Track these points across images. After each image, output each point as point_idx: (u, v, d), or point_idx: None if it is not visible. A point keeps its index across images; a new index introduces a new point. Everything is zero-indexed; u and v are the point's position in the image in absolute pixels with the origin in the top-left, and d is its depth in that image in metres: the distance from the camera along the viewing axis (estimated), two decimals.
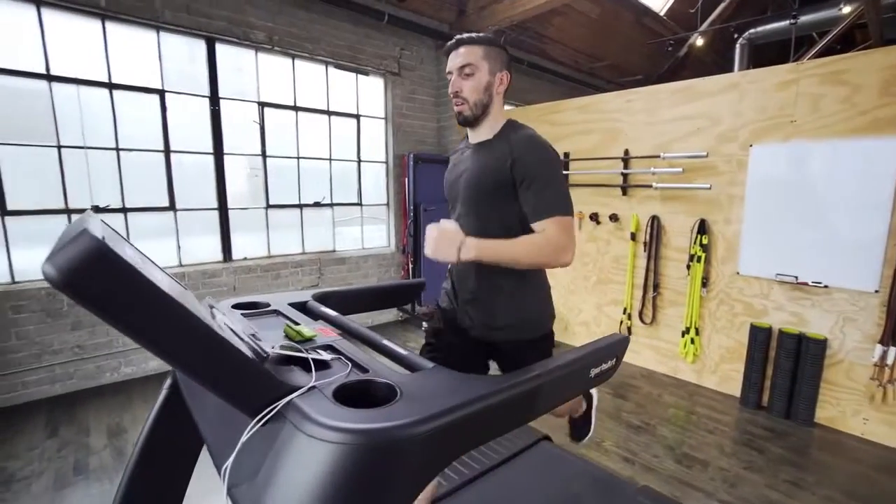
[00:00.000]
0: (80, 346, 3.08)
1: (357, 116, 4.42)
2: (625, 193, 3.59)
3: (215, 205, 3.68)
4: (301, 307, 1.28)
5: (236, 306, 1.22)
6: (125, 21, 3.10)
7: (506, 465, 2.06)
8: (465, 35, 1.28)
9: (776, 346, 2.88)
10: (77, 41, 2.97)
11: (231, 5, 3.45)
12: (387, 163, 4.71)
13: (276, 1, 3.66)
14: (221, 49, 3.53)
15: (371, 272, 4.59)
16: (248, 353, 0.72)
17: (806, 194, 2.75)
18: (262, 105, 3.82)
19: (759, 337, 2.94)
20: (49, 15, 2.86)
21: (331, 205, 4.38)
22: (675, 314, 3.41)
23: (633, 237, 3.54)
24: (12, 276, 2.91)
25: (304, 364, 0.85)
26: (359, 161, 4.52)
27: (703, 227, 3.19)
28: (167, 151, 3.38)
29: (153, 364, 3.38)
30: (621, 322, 3.68)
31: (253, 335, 0.93)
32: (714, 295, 3.19)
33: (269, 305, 1.25)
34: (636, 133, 3.49)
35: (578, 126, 3.87)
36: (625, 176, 3.55)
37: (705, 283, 3.21)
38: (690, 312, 3.29)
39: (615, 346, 1.04)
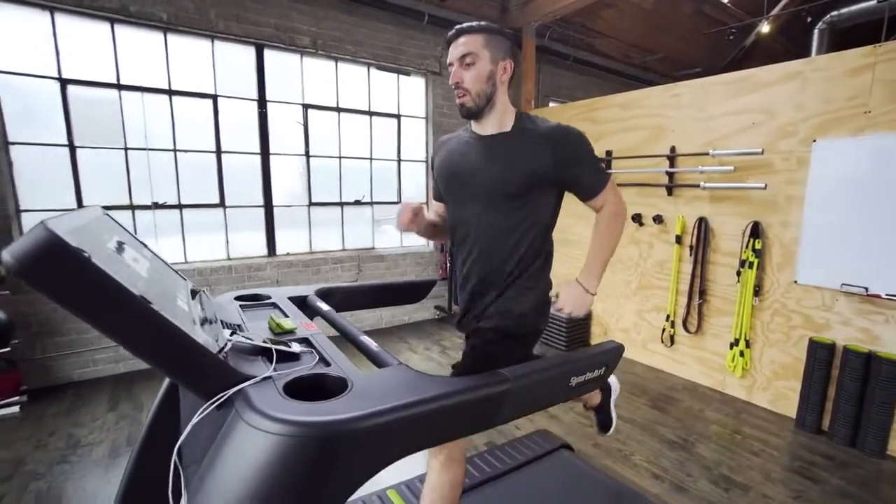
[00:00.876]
0: None
1: (397, 116, 4.49)
2: (670, 193, 3.37)
3: (261, 202, 3.89)
4: (301, 301, 1.31)
5: (238, 298, 1.28)
6: (183, 32, 3.36)
7: (518, 471, 2.02)
8: (465, 24, 1.25)
9: (840, 364, 2.58)
10: (142, 52, 3.26)
11: (278, 13, 3.63)
12: (426, 161, 4.75)
13: (321, 6, 3.80)
14: (269, 54, 3.73)
15: (409, 270, 4.65)
16: (207, 342, 0.76)
17: (881, 195, 2.44)
18: (306, 107, 3.99)
19: (820, 354, 2.65)
20: (120, 30, 3.17)
21: (371, 203, 4.49)
22: (723, 324, 3.15)
23: (679, 240, 3.32)
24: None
25: (275, 355, 0.88)
26: (399, 160, 4.59)
27: (756, 231, 2.93)
28: (218, 152, 3.63)
29: None
30: (663, 330, 3.47)
31: (237, 325, 0.97)
32: (768, 305, 2.91)
33: (269, 298, 1.30)
34: (683, 129, 3.27)
35: (621, 123, 3.69)
36: (670, 175, 3.34)
37: (758, 291, 2.94)
38: (740, 323, 3.03)
39: (605, 356, 0.98)
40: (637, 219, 3.58)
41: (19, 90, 2.95)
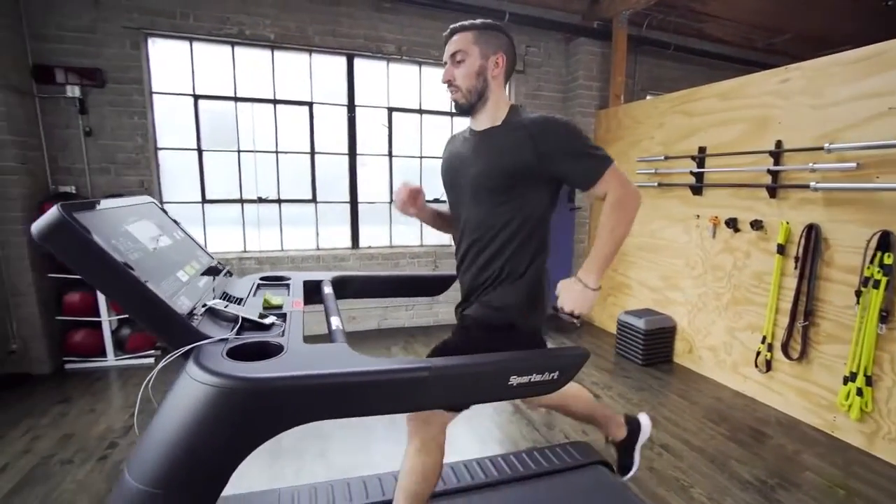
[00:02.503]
0: None
1: None
2: (773, 195, 2.91)
3: (347, 199, 4.26)
4: (314, 285, 1.46)
5: (263, 278, 1.47)
6: (287, 48, 3.83)
7: (543, 478, 1.95)
8: (459, 23, 1.27)
9: None
10: (253, 68, 3.80)
11: (368, 24, 3.94)
12: None
13: (407, 15, 4.03)
14: (358, 62, 4.07)
15: None
16: (179, 305, 0.91)
17: None
18: (391, 110, 4.26)
19: None
20: (238, 51, 3.74)
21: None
22: (836, 353, 2.63)
23: (781, 250, 2.85)
24: (205, 246, 3.90)
25: (252, 324, 1.01)
26: None
27: (885, 242, 2.39)
28: (312, 153, 4.07)
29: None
30: (758, 353, 3.00)
31: (239, 299, 1.14)
32: None
33: (289, 280, 1.46)
34: (792, 120, 2.79)
35: (717, 116, 3.27)
36: (774, 174, 2.87)
37: (885, 317, 2.40)
38: (859, 353, 2.49)
39: (557, 360, 0.94)
40: (731, 224, 3.15)
41: (166, 105, 3.65)
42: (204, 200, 3.84)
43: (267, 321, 1.03)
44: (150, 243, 1.03)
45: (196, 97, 3.68)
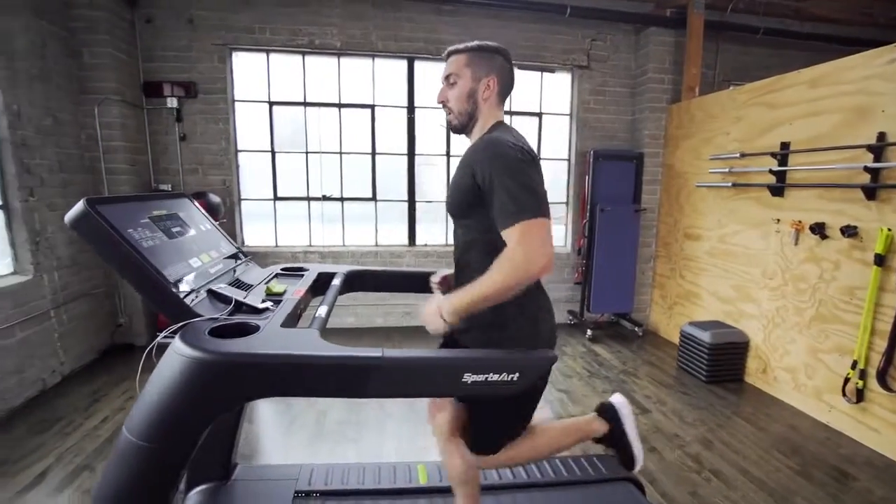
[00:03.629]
0: None
1: (539, 115, 4.45)
2: (871, 197, 2.49)
3: (406, 197, 4.40)
4: (328, 276, 1.55)
5: (283, 268, 1.59)
6: (351, 55, 4.06)
7: (563, 488, 1.89)
8: (454, 46, 1.28)
9: None
10: (321, 74, 4.08)
11: (427, 27, 4.04)
12: (569, 160, 4.57)
13: (467, 16, 4.06)
14: (418, 65, 4.18)
15: None
16: (178, 288, 1.04)
17: None
18: None
19: None
20: (308, 59, 4.04)
21: None
22: None
23: (880, 261, 2.43)
24: (276, 241, 4.28)
25: (248, 307, 1.12)
26: (539, 159, 4.54)
27: None
28: (373, 154, 4.27)
29: (349, 320, 4.35)
30: (847, 379, 2.59)
31: (250, 286, 1.26)
32: None
33: (306, 271, 1.57)
34: None
35: (804, 107, 2.87)
36: (873, 172, 2.46)
37: None
38: None
39: (519, 361, 0.91)
40: (818, 229, 2.75)
41: (245, 112, 4.06)
42: (275, 198, 4.21)
43: (260, 306, 1.12)
44: (169, 233, 1.18)
45: (271, 104, 4.05)
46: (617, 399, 1.54)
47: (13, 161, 2.85)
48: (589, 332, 4.17)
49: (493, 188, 1.07)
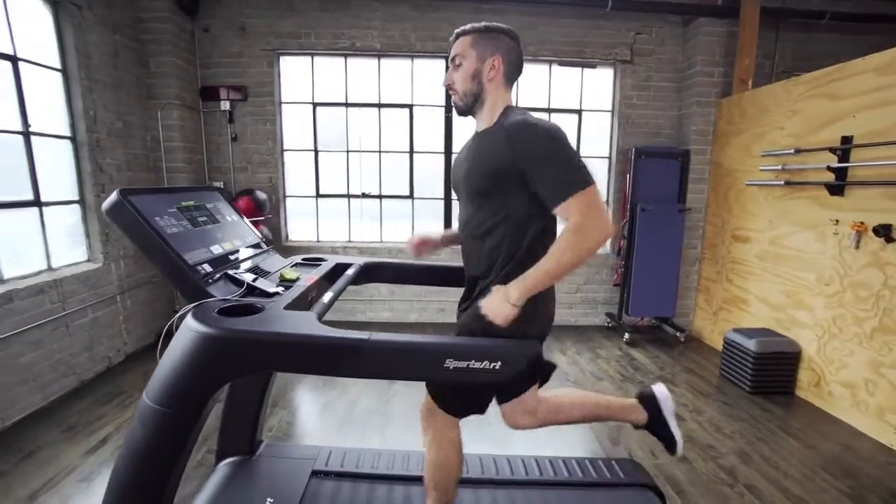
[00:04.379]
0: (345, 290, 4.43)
1: (579, 112, 4.35)
2: None
3: (442, 195, 4.46)
4: (344, 266, 1.63)
5: (304, 258, 1.69)
6: (391, 56, 4.17)
7: (576, 489, 1.86)
8: (461, 28, 1.30)
9: None
10: (361, 75, 4.23)
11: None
12: (609, 158, 4.44)
13: (506, 14, 4.05)
14: None
15: (580, 271, 4.47)
16: (195, 270, 1.14)
17: None
18: None
19: None
20: (350, 61, 4.20)
21: None
22: None
23: None
24: (318, 236, 4.48)
25: (260, 291, 1.21)
26: None
27: None
28: (411, 152, 4.36)
29: (385, 315, 4.47)
30: None
31: (267, 272, 1.36)
32: None
33: (324, 261, 1.66)
34: None
35: (871, 97, 2.62)
36: None
37: None
38: None
39: (501, 351, 0.93)
40: (883, 231, 2.51)
41: (290, 113, 4.28)
42: (318, 195, 4.41)
43: (271, 290, 1.21)
44: (194, 222, 1.30)
45: (314, 105, 4.24)
46: (658, 388, 1.58)
47: (89, 160, 3.19)
48: (626, 335, 4.03)
49: (539, 168, 1.10)
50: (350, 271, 1.55)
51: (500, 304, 1.10)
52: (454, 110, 1.34)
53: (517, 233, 1.20)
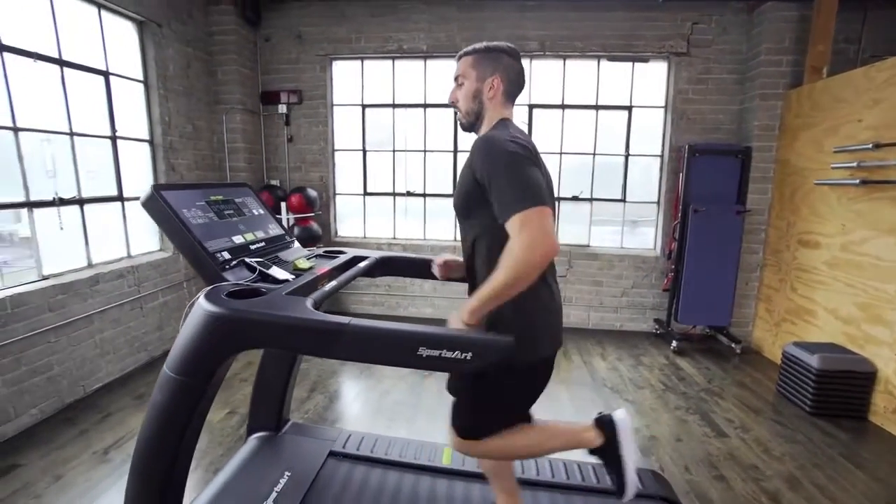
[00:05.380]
0: (389, 286, 4.58)
1: (629, 108, 4.17)
2: None
3: None
4: (359, 259, 1.72)
5: (326, 251, 1.79)
6: (437, 57, 4.25)
7: (591, 495, 1.82)
8: (464, 49, 1.33)
9: None
10: (407, 77, 4.35)
11: (511, 25, 4.05)
12: (661, 156, 4.21)
13: (551, 10, 3.98)
14: None
15: (626, 274, 4.29)
16: (214, 256, 1.27)
17: None
18: (531, 107, 4.28)
19: None
20: (397, 63, 4.33)
21: (590, 200, 4.38)
22: None
23: None
24: (364, 233, 4.67)
25: (272, 278, 1.32)
26: (626, 155, 4.27)
27: None
28: (455, 152, 4.41)
29: (427, 311, 4.57)
30: None
31: (283, 261, 1.48)
32: None
33: (343, 254, 1.76)
34: None
35: None
36: None
37: None
38: None
39: (473, 342, 0.95)
40: None
41: (341, 115, 4.50)
42: (365, 193, 4.59)
43: (281, 277, 1.31)
44: (221, 214, 1.44)
45: (363, 106, 4.43)
46: (619, 414, 1.43)
47: (163, 160, 3.58)
48: (674, 343, 3.81)
49: (491, 184, 1.11)
50: (363, 264, 1.63)
51: (456, 322, 1.13)
52: (459, 125, 1.38)
53: (493, 250, 1.18)
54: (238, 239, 1.42)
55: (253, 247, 1.46)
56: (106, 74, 3.14)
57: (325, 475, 1.77)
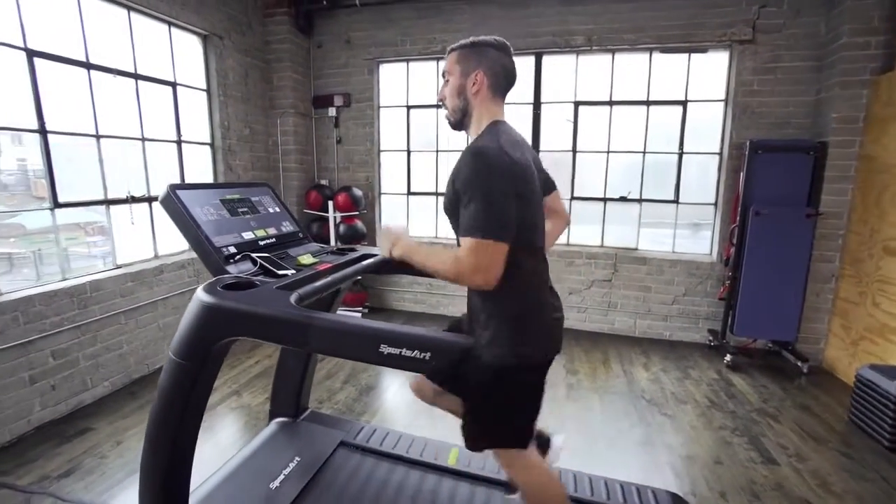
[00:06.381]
0: (430, 284, 4.63)
1: (683, 102, 3.89)
2: None
3: None
4: (368, 255, 1.76)
5: (340, 248, 1.86)
6: None
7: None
8: (452, 45, 1.31)
9: None
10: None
11: (556, 20, 3.94)
12: (720, 154, 3.88)
13: (599, 3, 3.82)
14: (546, 59, 4.11)
15: (678, 280, 4.01)
16: (220, 251, 1.36)
17: None
18: (577, 104, 4.13)
19: None
20: (441, 64, 4.36)
21: (639, 200, 4.14)
22: None
23: None
24: (408, 231, 4.76)
25: (268, 272, 1.40)
26: (680, 153, 3.98)
27: None
28: None
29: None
30: None
31: (290, 256, 1.56)
32: None
33: (354, 251, 1.81)
34: None
35: None
36: None
37: None
38: None
39: (430, 342, 0.95)
40: None
41: (387, 116, 4.62)
42: (409, 192, 4.68)
43: (280, 272, 1.39)
44: (234, 212, 1.54)
45: (408, 108, 4.52)
46: (557, 439, 1.39)
47: (223, 162, 3.89)
48: (728, 357, 3.50)
49: (466, 200, 1.11)
50: (368, 261, 1.67)
51: (384, 242, 1.37)
52: (448, 124, 1.36)
53: None
54: (248, 235, 1.52)
55: (262, 242, 1.55)
56: (174, 85, 3.48)
57: (332, 464, 1.84)
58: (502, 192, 1.08)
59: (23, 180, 3.20)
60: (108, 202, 3.03)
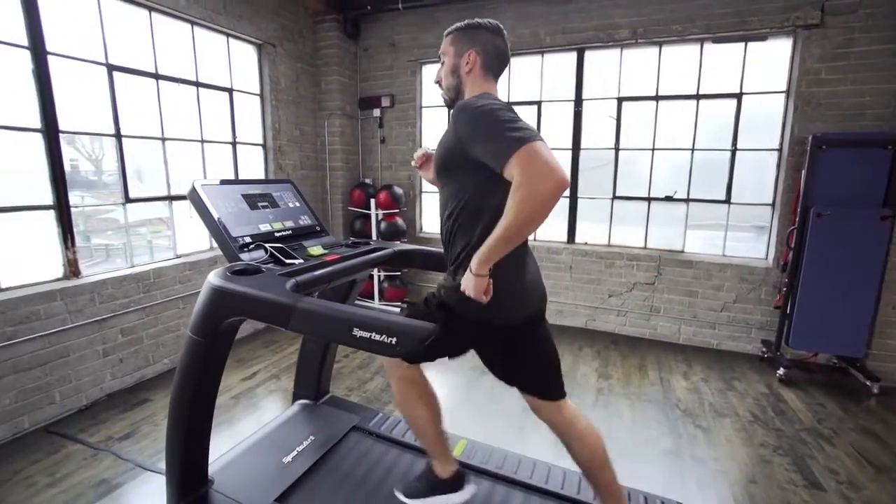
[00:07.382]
0: None
1: (738, 95, 3.62)
2: None
3: (567, 193, 4.25)
4: (379, 247, 1.84)
5: (354, 241, 1.95)
6: (520, 54, 4.20)
7: None
8: (448, 28, 1.36)
9: None
10: None
11: (599, 14, 3.82)
12: (780, 150, 3.57)
13: None
14: (588, 55, 4.00)
15: (728, 285, 3.75)
16: (236, 239, 1.50)
17: None
18: (620, 100, 3.98)
19: None
20: None
21: (686, 200, 3.92)
22: None
23: None
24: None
25: (278, 260, 1.52)
26: (733, 150, 3.71)
27: None
28: None
29: None
30: None
31: (300, 245, 1.69)
32: None
33: (368, 244, 1.90)
34: None
35: None
36: None
37: None
38: None
39: (396, 327, 0.99)
40: None
41: (429, 116, 4.71)
42: None
43: (288, 260, 1.50)
44: (254, 206, 1.68)
45: (449, 107, 4.57)
46: (469, 488, 1.53)
47: (273, 162, 4.18)
48: (782, 370, 3.22)
49: (480, 144, 1.11)
50: (377, 254, 1.75)
51: (467, 278, 1.13)
52: (444, 104, 1.42)
53: (476, 214, 1.23)
54: (265, 227, 1.65)
55: (278, 234, 1.68)
56: (230, 91, 3.79)
57: (343, 446, 1.94)
58: (505, 111, 1.12)
59: (118, 180, 3.63)
60: (171, 198, 3.37)
